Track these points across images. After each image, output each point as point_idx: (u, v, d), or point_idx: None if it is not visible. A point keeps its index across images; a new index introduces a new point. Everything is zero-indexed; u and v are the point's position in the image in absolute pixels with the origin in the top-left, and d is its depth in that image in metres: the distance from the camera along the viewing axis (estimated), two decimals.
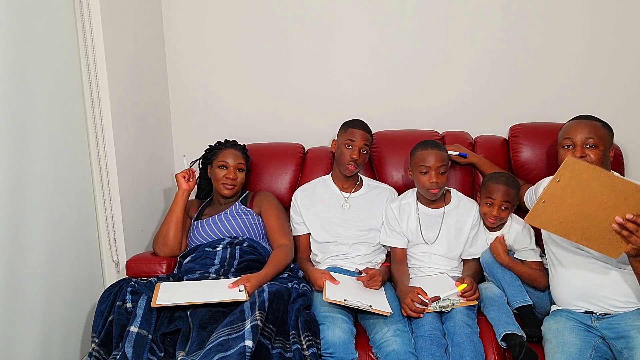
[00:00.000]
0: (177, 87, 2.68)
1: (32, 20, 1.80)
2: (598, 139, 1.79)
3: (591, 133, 1.80)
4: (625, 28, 2.45)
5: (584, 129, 1.82)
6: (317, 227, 2.20)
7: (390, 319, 1.82)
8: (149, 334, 1.71)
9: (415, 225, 2.10)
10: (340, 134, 2.19)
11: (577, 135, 1.82)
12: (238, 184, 2.25)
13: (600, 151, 1.79)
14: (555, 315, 1.85)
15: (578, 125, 1.84)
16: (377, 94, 2.61)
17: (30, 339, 1.78)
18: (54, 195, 1.90)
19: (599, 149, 1.78)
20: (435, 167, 1.98)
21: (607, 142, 1.82)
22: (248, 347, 1.52)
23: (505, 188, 2.00)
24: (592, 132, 1.80)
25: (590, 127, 1.82)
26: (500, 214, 2.01)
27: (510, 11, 2.49)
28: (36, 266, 1.80)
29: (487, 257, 1.98)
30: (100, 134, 2.10)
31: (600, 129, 1.82)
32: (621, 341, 1.67)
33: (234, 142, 2.32)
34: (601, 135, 1.80)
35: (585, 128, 1.82)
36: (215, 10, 2.61)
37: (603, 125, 1.84)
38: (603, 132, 1.82)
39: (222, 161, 2.23)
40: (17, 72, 1.72)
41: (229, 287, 1.86)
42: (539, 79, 2.53)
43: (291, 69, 2.63)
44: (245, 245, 2.12)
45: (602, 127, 1.83)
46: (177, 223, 2.18)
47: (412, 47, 2.56)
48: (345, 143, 2.13)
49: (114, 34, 2.14)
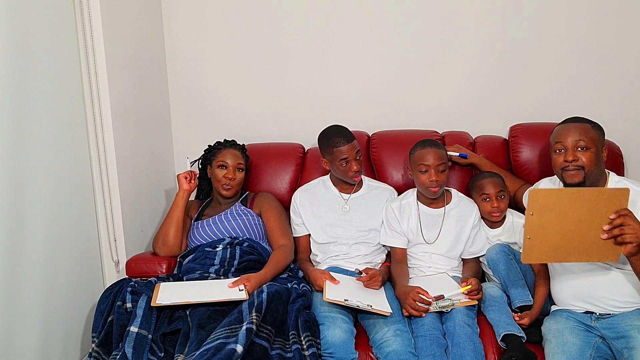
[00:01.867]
0: (177, 87, 2.68)
1: (32, 20, 1.80)
2: (589, 141, 1.78)
3: (581, 135, 1.79)
4: (625, 28, 2.45)
5: (574, 132, 1.81)
6: (316, 228, 2.20)
7: (390, 319, 1.82)
8: (149, 334, 1.71)
9: (416, 225, 2.10)
10: (325, 153, 2.14)
11: (568, 139, 1.81)
12: (237, 184, 2.24)
13: (592, 153, 1.78)
14: (555, 315, 1.85)
15: (568, 128, 1.83)
16: (377, 94, 2.61)
17: (30, 339, 1.78)
18: (54, 195, 1.90)
19: (591, 151, 1.78)
20: (434, 166, 1.98)
21: (598, 142, 1.80)
22: (237, 353, 1.52)
23: (492, 179, 2.09)
24: (582, 135, 1.79)
25: (580, 129, 1.81)
26: (500, 205, 2.05)
27: (510, 11, 2.50)
28: (36, 266, 1.80)
29: (493, 254, 1.98)
30: (100, 134, 2.10)
31: (591, 130, 1.81)
32: (621, 341, 1.67)
33: (233, 141, 2.32)
34: (592, 137, 1.79)
35: (575, 131, 1.81)
36: (215, 10, 2.61)
37: (593, 126, 1.83)
38: (593, 134, 1.80)
39: (222, 161, 2.23)
40: (17, 72, 1.72)
41: (228, 287, 1.86)
42: (539, 79, 2.53)
43: (291, 69, 2.63)
44: (245, 245, 2.12)
45: (593, 128, 1.82)
46: (177, 223, 2.18)
47: (412, 47, 2.56)
48: (339, 163, 2.10)
49: (114, 34, 2.14)
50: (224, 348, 1.53)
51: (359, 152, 2.13)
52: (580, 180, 1.78)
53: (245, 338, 1.57)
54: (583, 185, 1.78)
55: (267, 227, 2.23)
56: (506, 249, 1.97)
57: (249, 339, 1.58)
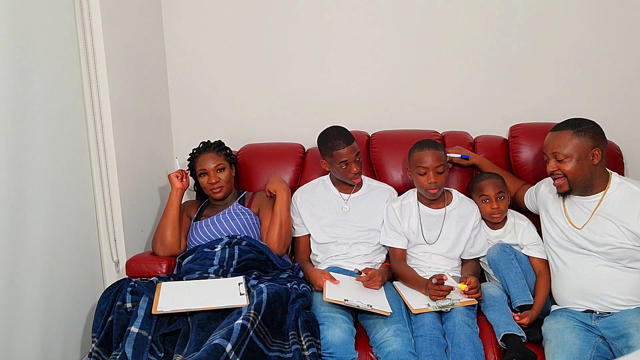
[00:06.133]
0: (177, 87, 2.68)
1: (32, 20, 1.80)
2: (566, 151, 1.78)
3: (556, 148, 1.81)
4: (625, 28, 2.45)
5: (552, 142, 1.82)
6: (316, 228, 2.20)
7: (390, 319, 1.82)
8: (149, 334, 1.71)
9: (417, 225, 2.10)
10: (325, 155, 2.14)
11: (548, 150, 1.84)
12: (225, 183, 2.23)
13: (572, 161, 1.77)
14: (555, 315, 1.85)
15: (549, 138, 1.84)
16: (377, 94, 2.61)
17: (30, 339, 1.78)
18: (54, 195, 1.89)
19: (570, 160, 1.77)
20: (432, 168, 1.98)
21: (581, 149, 1.77)
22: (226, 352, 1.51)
23: (492, 180, 2.08)
24: (558, 147, 1.80)
25: (558, 139, 1.80)
26: (500, 206, 2.05)
27: (510, 11, 2.49)
28: (36, 266, 1.80)
29: (494, 254, 1.98)
30: (100, 134, 2.10)
31: (571, 139, 1.78)
32: (621, 340, 1.67)
33: (208, 143, 2.30)
34: (573, 145, 1.77)
35: (552, 141, 1.82)
36: (215, 10, 2.60)
37: (576, 132, 1.78)
38: (575, 142, 1.77)
39: (201, 169, 2.23)
40: (17, 72, 1.71)
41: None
42: (539, 79, 2.53)
43: (291, 69, 2.63)
44: (243, 244, 2.11)
45: (574, 135, 1.78)
46: (173, 222, 2.18)
47: (412, 47, 2.56)
48: (339, 165, 2.09)
49: (114, 34, 2.14)
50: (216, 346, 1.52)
51: (358, 154, 2.13)
52: (567, 189, 1.82)
53: (238, 335, 1.55)
54: (570, 193, 1.83)
55: (262, 226, 2.23)
56: (507, 248, 1.98)
57: (243, 336, 1.57)
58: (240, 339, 1.57)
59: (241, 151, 2.53)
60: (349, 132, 2.14)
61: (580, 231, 1.83)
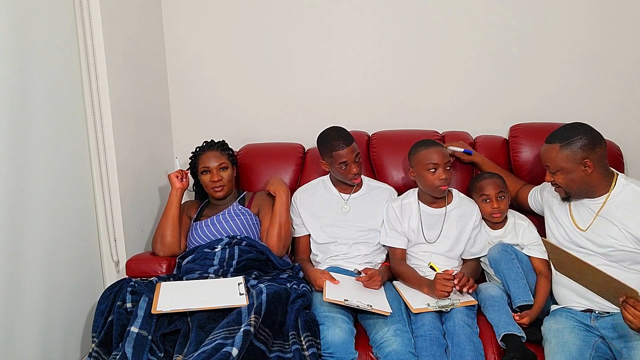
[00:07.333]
0: (177, 87, 2.68)
1: (32, 20, 1.80)
2: (556, 165, 1.78)
3: (546, 162, 1.82)
4: (624, 28, 2.45)
5: (543, 157, 1.84)
6: (316, 228, 2.20)
7: (390, 319, 1.82)
8: (149, 334, 1.71)
9: (417, 225, 2.10)
10: (325, 156, 2.14)
11: (543, 162, 1.85)
12: (227, 182, 2.24)
13: (565, 174, 1.78)
14: (555, 315, 1.85)
15: (542, 151, 1.85)
16: (377, 94, 2.61)
17: (30, 339, 1.78)
18: (54, 195, 1.89)
19: (562, 173, 1.78)
20: (442, 164, 1.98)
21: (571, 161, 1.75)
22: (232, 357, 1.52)
23: (492, 180, 2.09)
24: (547, 160, 1.81)
25: (545, 154, 1.82)
26: (500, 205, 2.05)
27: (510, 11, 2.49)
28: (36, 266, 1.80)
29: (494, 254, 1.98)
30: (100, 134, 2.10)
31: (558, 152, 1.77)
32: (620, 341, 1.67)
33: (212, 142, 2.30)
34: (562, 158, 1.76)
35: (543, 156, 1.84)
36: (215, 10, 2.60)
37: (562, 146, 1.76)
38: (562, 156, 1.76)
39: (204, 167, 2.23)
40: (17, 72, 1.71)
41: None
42: (539, 79, 2.53)
43: (291, 69, 2.63)
44: (243, 244, 2.11)
45: (561, 148, 1.76)
46: (173, 222, 2.18)
47: (412, 47, 2.56)
48: (338, 166, 2.10)
49: (114, 34, 2.14)
50: (220, 350, 1.53)
51: (358, 154, 2.13)
52: (564, 196, 1.84)
53: (242, 341, 1.56)
54: (569, 200, 1.85)
55: (262, 227, 2.23)
56: (508, 248, 1.98)
57: (247, 341, 1.58)
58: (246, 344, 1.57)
59: (241, 151, 2.53)
60: (348, 133, 2.14)
61: (585, 233, 1.83)
